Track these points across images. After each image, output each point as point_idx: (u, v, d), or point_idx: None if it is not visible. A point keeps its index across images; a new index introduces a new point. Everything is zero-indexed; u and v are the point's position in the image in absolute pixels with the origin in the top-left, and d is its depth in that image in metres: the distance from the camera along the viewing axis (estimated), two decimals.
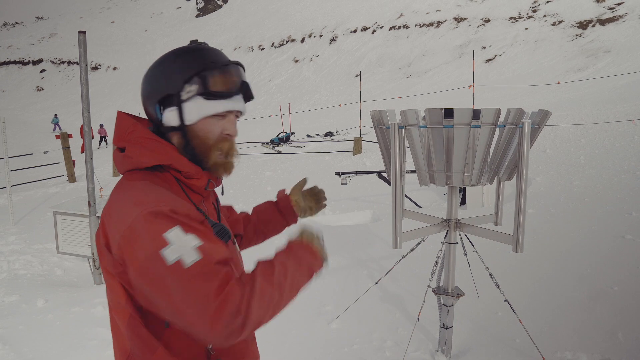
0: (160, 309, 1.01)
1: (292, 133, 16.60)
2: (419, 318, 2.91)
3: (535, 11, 34.55)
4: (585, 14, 31.37)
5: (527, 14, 34.66)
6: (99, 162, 12.91)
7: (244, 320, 0.95)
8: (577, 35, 30.12)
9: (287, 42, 46.83)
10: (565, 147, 7.95)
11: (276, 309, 1.04)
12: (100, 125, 22.70)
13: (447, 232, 2.71)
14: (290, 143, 15.20)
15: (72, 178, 11.10)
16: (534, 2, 35.35)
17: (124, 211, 1.02)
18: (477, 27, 36.02)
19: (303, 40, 45.83)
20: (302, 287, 1.12)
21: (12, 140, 12.43)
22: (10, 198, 7.52)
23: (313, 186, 1.62)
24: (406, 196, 6.10)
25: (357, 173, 6.29)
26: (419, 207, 6.41)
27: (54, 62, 59.92)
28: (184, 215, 1.01)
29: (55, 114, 33.76)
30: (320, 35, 45.17)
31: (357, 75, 32.78)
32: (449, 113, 2.26)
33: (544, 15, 33.57)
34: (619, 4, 30.63)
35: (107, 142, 22.55)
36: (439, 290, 2.79)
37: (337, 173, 6.13)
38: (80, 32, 4.36)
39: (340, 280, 4.04)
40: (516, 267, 3.82)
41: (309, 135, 16.65)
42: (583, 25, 30.69)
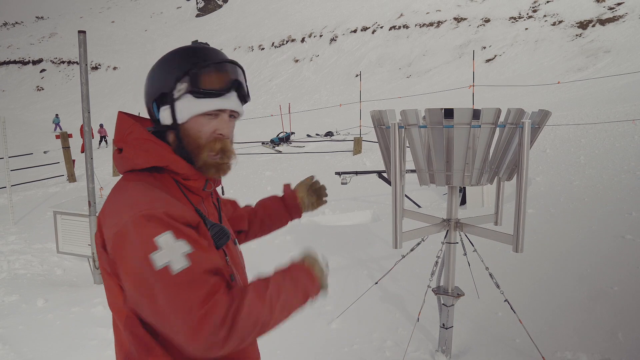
0: (145, 313, 1.00)
1: (292, 133, 16.59)
2: (419, 318, 2.91)
3: (535, 11, 34.56)
4: (585, 14, 31.38)
5: (527, 14, 34.68)
6: (99, 162, 12.92)
7: (227, 333, 0.94)
8: (577, 35, 30.14)
9: (287, 42, 46.85)
10: (565, 147, 7.95)
11: (264, 327, 1.01)
12: (100, 125, 22.72)
13: (447, 232, 2.71)
14: (290, 143, 15.19)
15: (72, 178, 11.09)
16: (534, 2, 35.36)
17: (118, 212, 1.02)
18: (477, 27, 36.04)
19: (303, 40, 45.85)
20: (295, 309, 1.09)
21: (12, 140, 12.43)
22: (10, 198, 7.52)
23: (314, 181, 1.66)
24: (406, 196, 6.10)
25: (357, 173, 6.28)
26: (419, 207, 6.41)
27: (54, 62, 59.95)
28: (178, 219, 1.00)
29: (57, 114, 33.69)
30: (320, 35, 45.19)
31: (357, 75, 32.80)
32: (449, 113, 2.26)
33: (544, 15, 33.59)
34: (619, 4, 30.65)
35: (107, 142, 22.56)
36: (439, 290, 2.79)
37: (337, 173, 6.13)
38: (80, 31, 4.36)
39: (340, 280, 4.04)
40: (516, 267, 3.82)
41: (309, 135, 16.64)
42: (583, 25, 30.70)
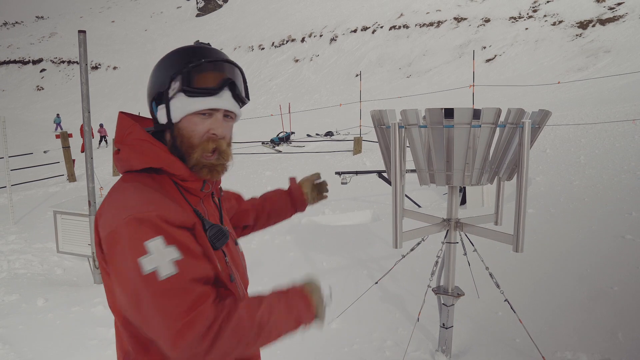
0: (130, 316, 1.01)
1: (292, 133, 16.59)
2: (419, 318, 2.91)
3: (535, 11, 34.55)
4: (585, 14, 31.37)
5: (527, 13, 34.66)
6: (99, 162, 12.91)
7: (210, 345, 0.93)
8: (577, 35, 30.13)
9: (287, 42, 46.83)
10: (565, 147, 7.95)
11: (249, 346, 1.00)
12: (100, 125, 22.70)
13: (447, 232, 2.71)
14: (290, 143, 15.19)
15: (72, 177, 11.09)
16: (534, 2, 35.35)
17: (112, 213, 1.02)
18: (477, 27, 36.02)
19: (303, 40, 45.84)
20: (285, 333, 1.07)
21: (12, 140, 12.44)
22: (10, 197, 7.52)
23: (314, 174, 1.72)
24: (406, 196, 6.10)
25: (357, 173, 6.28)
26: (419, 206, 6.41)
27: (54, 62, 59.92)
28: (171, 222, 1.00)
29: (58, 114, 33.63)
30: (320, 35, 45.17)
31: (357, 75, 32.79)
32: (449, 113, 2.26)
33: (544, 15, 33.57)
34: (619, 4, 30.63)
35: (107, 141, 22.54)
36: (439, 290, 2.78)
37: (337, 173, 6.12)
38: (80, 31, 4.36)
39: (340, 280, 4.04)
40: (516, 267, 3.82)
41: (309, 135, 16.64)
42: (583, 25, 30.69)
